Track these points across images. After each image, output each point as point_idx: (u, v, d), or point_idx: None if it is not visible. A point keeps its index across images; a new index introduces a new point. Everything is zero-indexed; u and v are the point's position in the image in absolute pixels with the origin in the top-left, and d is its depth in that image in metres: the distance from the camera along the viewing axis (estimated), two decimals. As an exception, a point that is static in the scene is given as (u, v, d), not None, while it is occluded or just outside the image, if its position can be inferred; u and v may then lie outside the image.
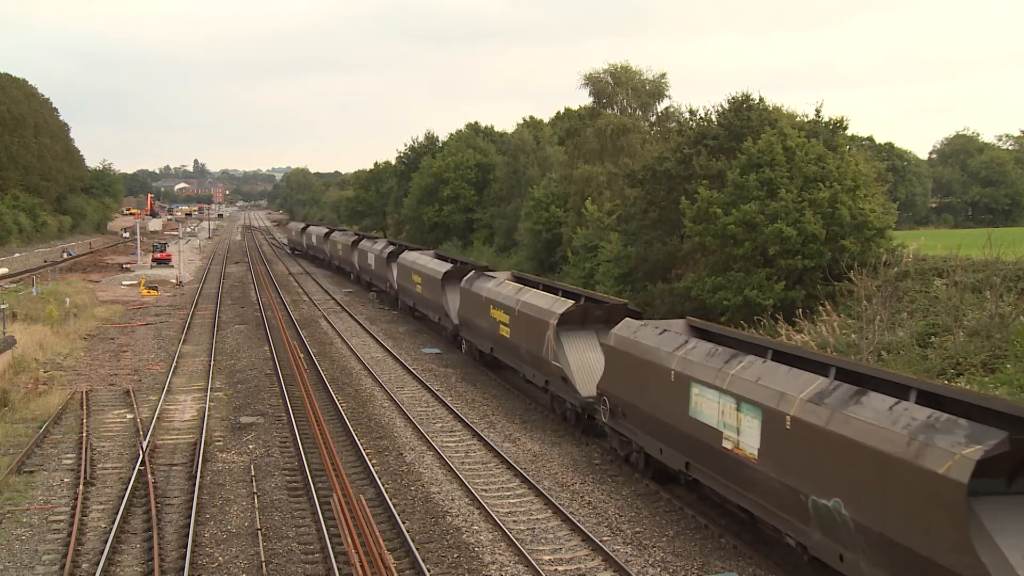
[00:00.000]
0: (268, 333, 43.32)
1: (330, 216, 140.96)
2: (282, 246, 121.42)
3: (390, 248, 55.11)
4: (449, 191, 75.51)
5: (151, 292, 62.08)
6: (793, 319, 30.42)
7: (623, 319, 23.69)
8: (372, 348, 40.35)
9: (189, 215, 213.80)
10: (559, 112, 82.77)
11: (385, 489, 20.53)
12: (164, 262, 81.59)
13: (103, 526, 18.46)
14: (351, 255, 67.58)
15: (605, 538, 18.00)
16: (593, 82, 50.89)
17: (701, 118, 39.34)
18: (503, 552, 17.33)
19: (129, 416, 27.52)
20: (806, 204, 30.98)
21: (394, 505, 19.53)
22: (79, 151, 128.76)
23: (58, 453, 23.69)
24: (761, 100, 37.26)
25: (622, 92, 50.52)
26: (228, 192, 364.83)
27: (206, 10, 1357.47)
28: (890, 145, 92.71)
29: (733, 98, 37.64)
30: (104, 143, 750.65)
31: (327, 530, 17.93)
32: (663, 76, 50.82)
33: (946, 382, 20.39)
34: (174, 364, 35.60)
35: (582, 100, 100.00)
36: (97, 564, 16.31)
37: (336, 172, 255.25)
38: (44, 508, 19.60)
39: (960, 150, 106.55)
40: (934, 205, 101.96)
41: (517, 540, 17.63)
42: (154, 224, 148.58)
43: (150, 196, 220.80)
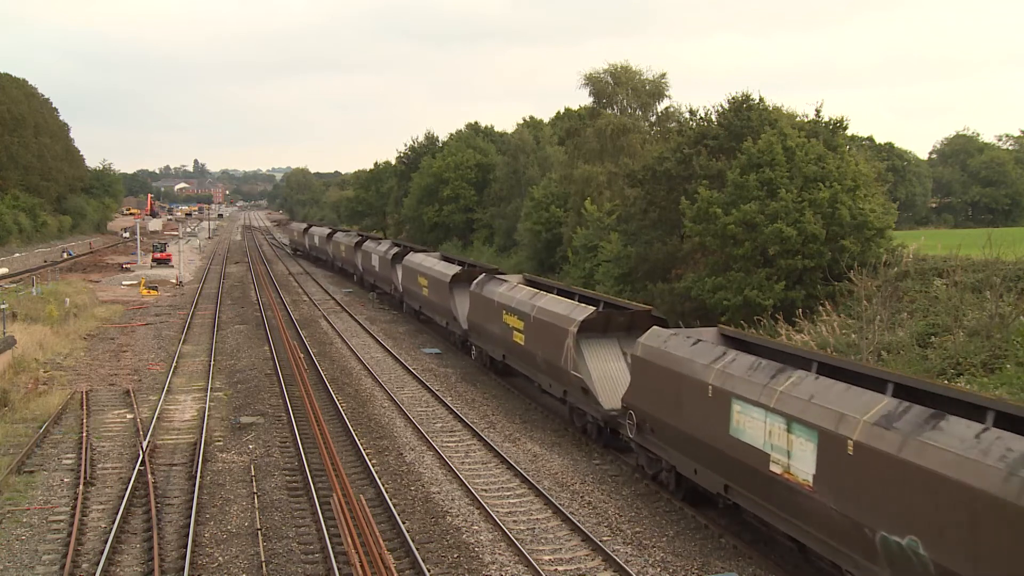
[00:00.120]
0: (268, 333, 43.32)
1: (330, 216, 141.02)
2: (282, 246, 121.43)
3: (395, 249, 53.47)
4: (449, 191, 75.44)
5: (151, 292, 62.08)
6: (793, 319, 30.42)
7: (647, 327, 22.55)
8: (372, 348, 40.35)
9: (189, 215, 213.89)
10: (559, 112, 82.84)
11: (385, 489, 20.53)
12: (164, 262, 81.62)
13: (103, 526, 18.46)
14: (354, 256, 66.66)
15: (605, 538, 18.00)
16: (593, 82, 50.87)
17: (701, 118, 39.35)
18: (503, 552, 17.33)
19: (129, 416, 27.53)
20: (806, 204, 30.98)
21: (394, 505, 19.53)
22: (79, 151, 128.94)
23: (58, 453, 23.70)
24: (761, 100, 37.30)
25: (622, 92, 50.49)
26: (228, 192, 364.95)
27: (206, 10, 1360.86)
28: (890, 145, 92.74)
29: (733, 98, 37.66)
30: (104, 143, 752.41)
31: (327, 530, 17.93)
32: (663, 76, 50.84)
33: (946, 382, 20.33)
34: (174, 364, 35.60)
35: (582, 100, 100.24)
36: (97, 564, 16.32)
37: (336, 172, 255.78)
38: (44, 508, 19.61)
39: (960, 150, 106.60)
40: (934, 205, 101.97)
41: (517, 540, 17.63)
42: (154, 224, 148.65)
43: (150, 196, 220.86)
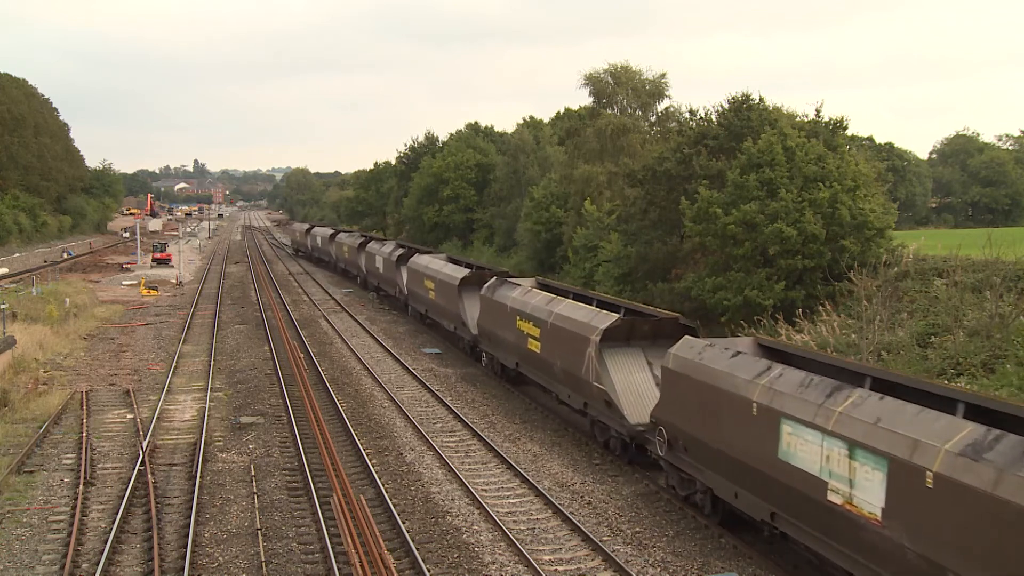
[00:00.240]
0: (268, 333, 43.31)
1: (330, 216, 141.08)
2: (282, 246, 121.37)
3: (400, 251, 52.07)
4: (449, 191, 75.45)
5: (151, 292, 62.08)
6: (793, 319, 30.43)
7: (674, 335, 21.61)
8: (372, 348, 40.35)
9: (189, 215, 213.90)
10: (559, 112, 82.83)
11: (385, 489, 20.53)
12: (164, 262, 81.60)
13: (103, 526, 18.46)
14: (358, 258, 65.74)
15: (605, 538, 18.00)
16: (593, 82, 50.88)
17: (701, 118, 39.37)
18: (503, 552, 17.33)
19: (129, 416, 27.52)
20: (806, 204, 31.00)
21: (394, 505, 19.53)
22: (79, 151, 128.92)
23: (58, 453, 23.69)
24: (761, 100, 37.33)
25: (622, 92, 50.50)
26: (228, 192, 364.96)
27: (206, 10, 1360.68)
28: (890, 145, 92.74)
29: (733, 98, 37.68)
30: (104, 143, 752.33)
31: (327, 530, 17.92)
32: (663, 76, 50.85)
33: (946, 382, 20.31)
34: (174, 364, 35.60)
35: (582, 100, 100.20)
36: (97, 564, 16.31)
37: (336, 172, 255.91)
38: (44, 508, 19.60)
39: (960, 150, 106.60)
40: (934, 205, 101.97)
41: (517, 540, 17.62)
42: (154, 224, 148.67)
43: (150, 196, 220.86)
